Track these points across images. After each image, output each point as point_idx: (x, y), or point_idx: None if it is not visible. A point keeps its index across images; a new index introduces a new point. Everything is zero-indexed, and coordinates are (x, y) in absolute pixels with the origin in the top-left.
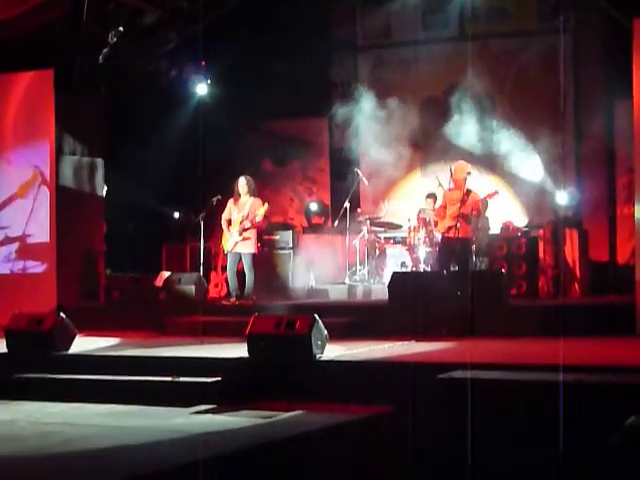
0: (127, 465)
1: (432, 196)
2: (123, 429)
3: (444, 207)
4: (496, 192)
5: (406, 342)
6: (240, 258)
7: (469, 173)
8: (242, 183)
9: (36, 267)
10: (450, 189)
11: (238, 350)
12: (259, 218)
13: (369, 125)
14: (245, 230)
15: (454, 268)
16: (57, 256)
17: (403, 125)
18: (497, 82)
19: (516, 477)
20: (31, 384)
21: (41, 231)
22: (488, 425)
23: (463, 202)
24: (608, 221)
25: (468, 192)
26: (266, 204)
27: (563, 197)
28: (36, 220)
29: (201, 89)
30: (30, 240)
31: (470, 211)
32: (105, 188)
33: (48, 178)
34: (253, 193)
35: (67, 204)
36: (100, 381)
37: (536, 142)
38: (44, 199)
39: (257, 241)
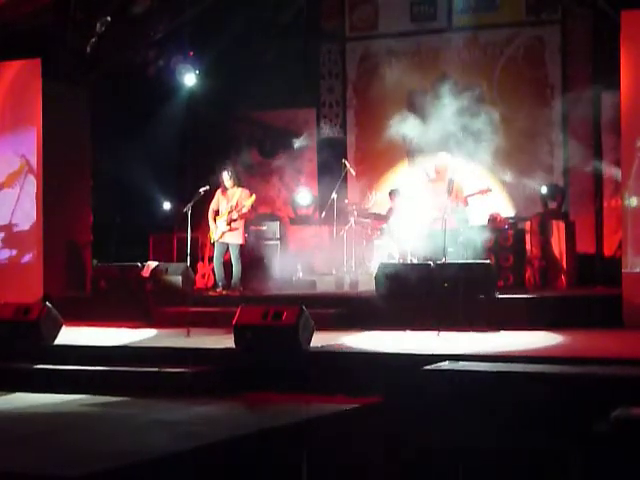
0: (112, 454)
1: (394, 192)
2: (109, 419)
3: (425, 198)
4: (489, 189)
5: (393, 333)
6: (227, 248)
7: (456, 163)
8: (226, 177)
9: (22, 256)
10: (432, 180)
11: (225, 341)
12: (246, 209)
13: (357, 116)
14: (233, 221)
15: (442, 259)
16: (44, 246)
17: (390, 116)
18: (485, 74)
19: (503, 467)
20: (17, 374)
21: (27, 220)
22: (475, 416)
23: (449, 193)
24: (595, 213)
25: (451, 182)
26: (253, 195)
27: (550, 189)
28: (22, 209)
29: (189, 79)
30: (16, 229)
31: (457, 203)
32: (92, 178)
33: (35, 167)
34: (239, 184)
35: (54, 194)
36: (86, 371)
37: (523, 134)
38: (31, 188)
39: (245, 232)
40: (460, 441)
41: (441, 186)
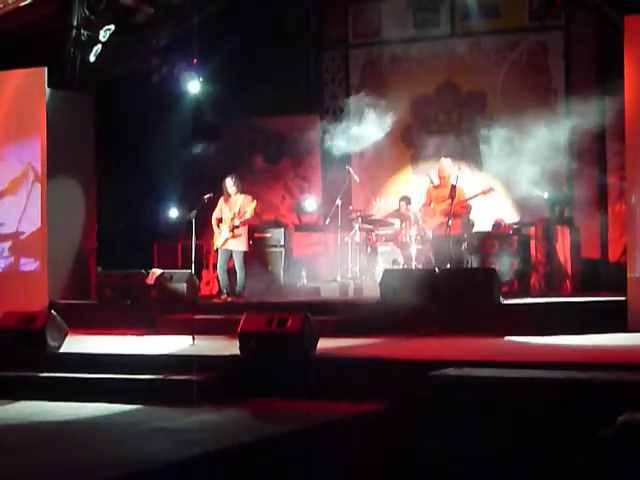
0: (116, 463)
1: (405, 199)
2: (113, 427)
3: (428, 204)
4: (491, 189)
5: (398, 339)
6: (231, 255)
7: (459, 169)
8: (229, 184)
9: (28, 265)
10: (435, 186)
11: (230, 348)
12: (248, 215)
13: (360, 123)
14: (236, 227)
15: (447, 265)
16: (48, 254)
17: (394, 123)
18: (488, 79)
19: (508, 474)
20: (22, 382)
21: (33, 228)
22: (480, 423)
23: (452, 198)
24: (599, 219)
25: (454, 188)
26: (255, 201)
27: (554, 195)
28: (28, 217)
29: (193, 86)
30: (22, 237)
31: (460, 208)
32: (96, 185)
33: (40, 175)
34: (242, 191)
35: (59, 202)
36: (91, 379)
37: (527, 139)
38: (37, 196)
39: (248, 239)
40: (465, 446)
41: (445, 192)
